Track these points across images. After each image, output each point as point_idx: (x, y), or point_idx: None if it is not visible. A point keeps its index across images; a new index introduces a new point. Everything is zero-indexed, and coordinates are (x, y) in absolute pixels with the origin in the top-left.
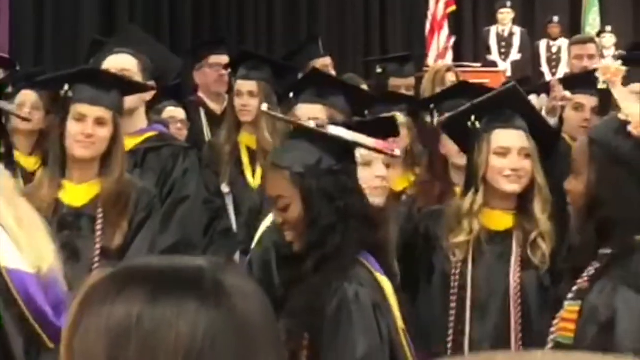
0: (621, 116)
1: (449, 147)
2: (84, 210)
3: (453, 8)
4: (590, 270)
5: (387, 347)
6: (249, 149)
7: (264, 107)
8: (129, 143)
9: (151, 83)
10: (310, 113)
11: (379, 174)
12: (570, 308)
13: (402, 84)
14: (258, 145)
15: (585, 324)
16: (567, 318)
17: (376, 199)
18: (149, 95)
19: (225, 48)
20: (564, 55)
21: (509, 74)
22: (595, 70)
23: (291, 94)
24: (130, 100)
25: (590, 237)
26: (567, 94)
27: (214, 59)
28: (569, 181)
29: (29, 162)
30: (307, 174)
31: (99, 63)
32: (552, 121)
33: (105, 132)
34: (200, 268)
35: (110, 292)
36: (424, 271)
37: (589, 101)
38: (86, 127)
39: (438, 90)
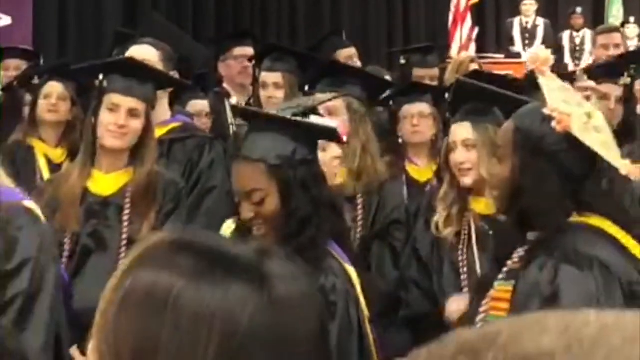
0: (545, 111)
1: None
2: (112, 199)
3: (476, 0)
4: (520, 251)
5: (356, 335)
6: None
7: (233, 101)
8: None
9: (174, 73)
10: None
11: (336, 154)
12: (502, 288)
13: (426, 75)
14: None
15: (526, 299)
16: (498, 297)
17: (335, 180)
18: None
19: (249, 40)
20: (588, 46)
21: None
22: (619, 57)
23: (306, 87)
24: None
25: (514, 224)
26: (592, 83)
27: (239, 50)
28: (494, 165)
29: (56, 154)
30: (283, 165)
31: (123, 54)
32: None
33: (137, 124)
34: (248, 254)
35: (160, 259)
36: (436, 263)
37: (614, 90)
38: (119, 117)
39: None
